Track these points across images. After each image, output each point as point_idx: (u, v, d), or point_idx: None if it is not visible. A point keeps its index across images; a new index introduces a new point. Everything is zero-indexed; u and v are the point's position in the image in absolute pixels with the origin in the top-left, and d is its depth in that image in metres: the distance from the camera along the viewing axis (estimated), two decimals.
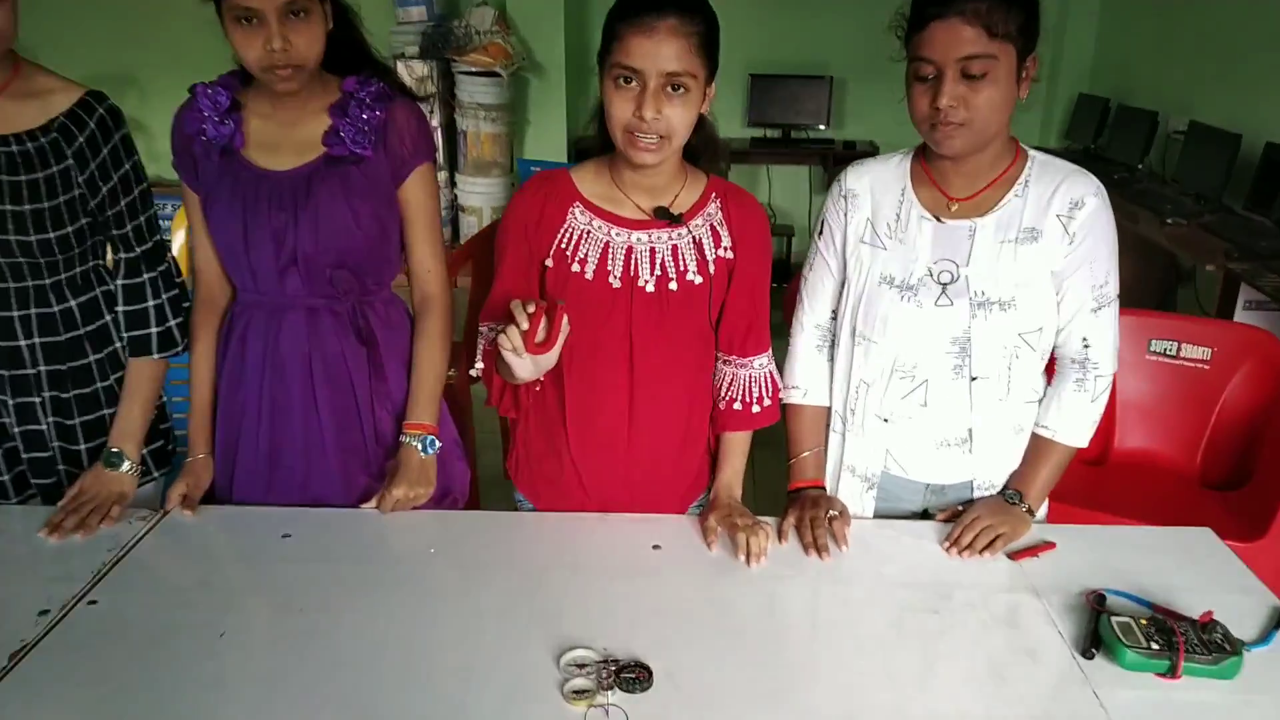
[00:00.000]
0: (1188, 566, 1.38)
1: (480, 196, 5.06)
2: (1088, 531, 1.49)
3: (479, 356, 1.40)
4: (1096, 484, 2.39)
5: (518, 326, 1.19)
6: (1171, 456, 2.46)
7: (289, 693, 1.10)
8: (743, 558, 1.34)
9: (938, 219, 1.42)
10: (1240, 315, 2.99)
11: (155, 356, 1.53)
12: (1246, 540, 2.03)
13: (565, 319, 1.22)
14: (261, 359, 1.51)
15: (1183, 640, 1.14)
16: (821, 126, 5.46)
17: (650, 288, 1.37)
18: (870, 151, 5.27)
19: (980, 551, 1.39)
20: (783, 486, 1.57)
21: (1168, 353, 2.46)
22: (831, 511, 1.45)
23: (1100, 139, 4.81)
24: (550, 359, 1.24)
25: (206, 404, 1.55)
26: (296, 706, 1.08)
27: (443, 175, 5.10)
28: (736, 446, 1.51)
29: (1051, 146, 4.73)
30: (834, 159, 5.29)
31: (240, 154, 1.45)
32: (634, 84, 1.26)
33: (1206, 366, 2.44)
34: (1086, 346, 1.44)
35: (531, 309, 1.20)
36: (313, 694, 1.10)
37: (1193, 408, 2.45)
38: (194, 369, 1.56)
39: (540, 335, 1.21)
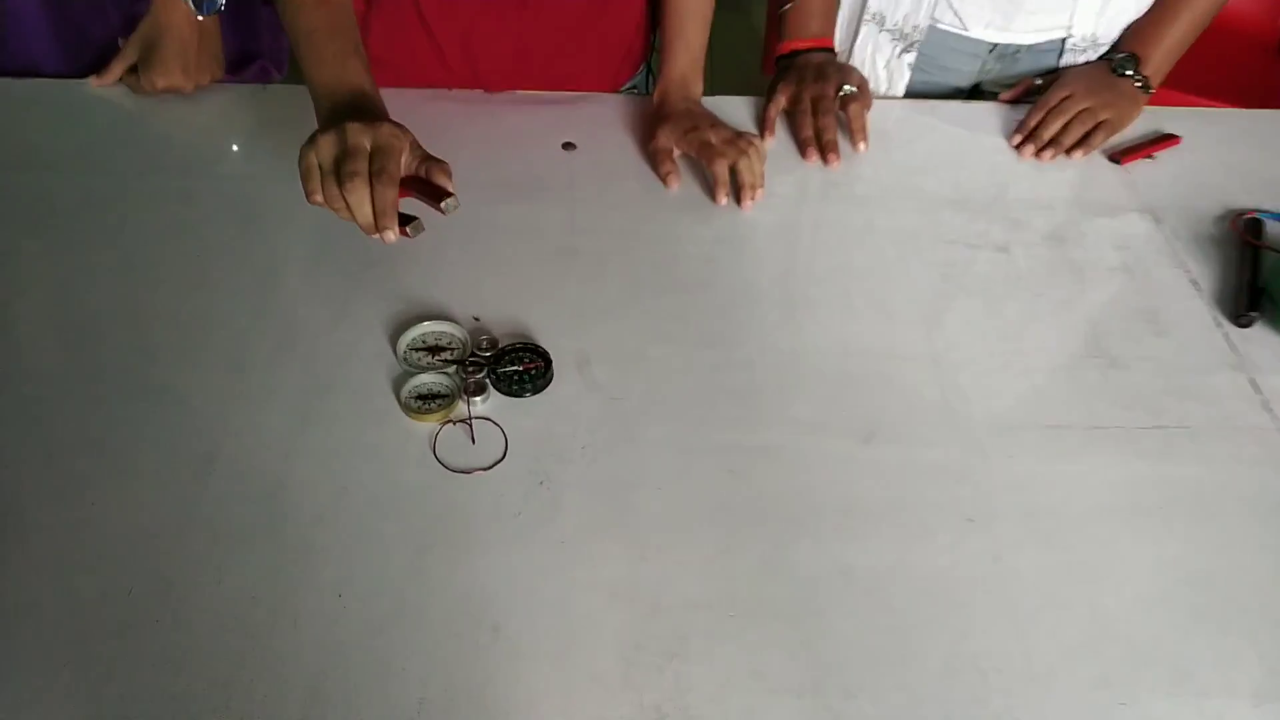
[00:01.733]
0: None
1: None
2: (1212, 117, 1.01)
3: None
4: None
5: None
6: (1244, 14, 1.90)
7: None
8: (724, 199, 0.83)
9: None
10: None
11: None
12: None
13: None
14: None
15: None
16: None
17: None
18: None
19: (1069, 151, 0.91)
20: (753, 56, 1.02)
21: None
22: (846, 87, 0.92)
23: None
24: None
25: None
26: None
27: None
28: (693, 12, 0.91)
29: None
30: None
31: None
32: None
33: None
34: None
35: (392, 236, 0.62)
36: None
37: None
38: None
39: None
